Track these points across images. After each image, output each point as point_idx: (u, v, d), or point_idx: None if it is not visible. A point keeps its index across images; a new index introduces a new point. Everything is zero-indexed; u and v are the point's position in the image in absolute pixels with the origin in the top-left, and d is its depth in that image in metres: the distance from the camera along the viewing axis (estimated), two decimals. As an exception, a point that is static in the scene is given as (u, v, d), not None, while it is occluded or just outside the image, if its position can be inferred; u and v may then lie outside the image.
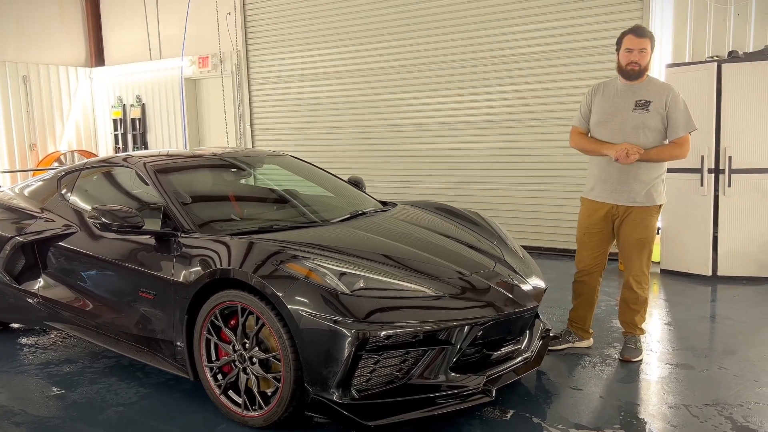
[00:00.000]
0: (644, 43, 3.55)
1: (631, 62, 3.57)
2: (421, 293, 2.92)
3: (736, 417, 3.00)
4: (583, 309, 3.92)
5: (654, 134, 3.60)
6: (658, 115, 3.58)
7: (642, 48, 3.55)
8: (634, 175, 3.61)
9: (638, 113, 3.58)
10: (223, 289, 3.03)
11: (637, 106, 3.59)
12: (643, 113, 3.57)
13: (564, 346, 3.93)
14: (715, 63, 5.50)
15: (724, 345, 4.01)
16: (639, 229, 3.66)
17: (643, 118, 3.58)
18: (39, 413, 3.24)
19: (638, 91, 3.63)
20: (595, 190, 3.76)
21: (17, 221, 4.23)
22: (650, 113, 3.57)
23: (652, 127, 3.58)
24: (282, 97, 8.72)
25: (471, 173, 7.29)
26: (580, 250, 3.87)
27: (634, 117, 3.59)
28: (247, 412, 2.96)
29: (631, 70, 3.59)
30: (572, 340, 3.95)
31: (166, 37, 9.89)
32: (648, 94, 3.60)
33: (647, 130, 3.58)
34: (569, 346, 3.94)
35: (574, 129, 3.88)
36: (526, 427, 2.95)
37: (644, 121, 3.58)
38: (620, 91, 3.67)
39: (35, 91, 10.09)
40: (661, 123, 3.60)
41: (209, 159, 4.36)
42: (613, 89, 3.71)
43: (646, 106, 3.58)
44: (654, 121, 3.58)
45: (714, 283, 5.54)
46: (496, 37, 6.94)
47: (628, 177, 3.62)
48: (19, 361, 4.01)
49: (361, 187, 4.64)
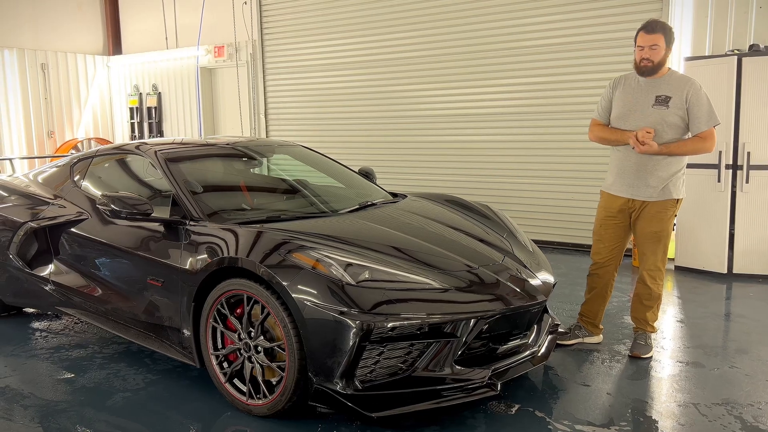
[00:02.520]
0: (655, 39, 3.48)
1: (643, 59, 3.52)
2: (428, 285, 2.90)
3: (746, 417, 2.95)
4: (596, 303, 3.88)
5: (674, 130, 3.53)
6: (678, 111, 3.51)
7: (653, 44, 3.48)
8: (651, 170, 3.56)
9: (658, 109, 3.52)
10: (230, 277, 3.03)
11: (657, 101, 3.53)
12: (662, 109, 3.51)
13: (573, 341, 3.89)
14: (735, 57, 5.39)
15: (737, 343, 3.95)
16: (654, 223, 3.61)
17: (663, 114, 3.51)
18: (48, 397, 3.28)
19: (659, 86, 3.56)
20: (614, 184, 3.72)
21: (31, 207, 4.27)
22: (670, 109, 3.51)
23: (672, 123, 3.52)
24: (296, 87, 8.71)
25: (483, 166, 7.24)
26: (597, 242, 3.84)
27: (653, 113, 3.53)
28: (252, 400, 2.97)
29: (644, 67, 3.54)
30: (582, 335, 3.91)
31: (183, 26, 9.92)
32: (668, 89, 3.54)
33: (667, 127, 3.52)
34: (578, 341, 3.91)
35: (594, 121, 3.84)
36: (531, 423, 2.93)
37: (664, 117, 3.52)
38: (641, 86, 3.62)
39: (53, 79, 10.19)
40: (682, 119, 3.53)
41: (220, 148, 4.37)
42: (634, 83, 3.65)
43: (666, 102, 3.51)
44: (674, 117, 3.52)
45: (729, 280, 5.45)
46: (513, 29, 6.86)
47: (645, 172, 3.57)
48: (31, 345, 4.06)
49: (372, 178, 4.62)
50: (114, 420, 3.02)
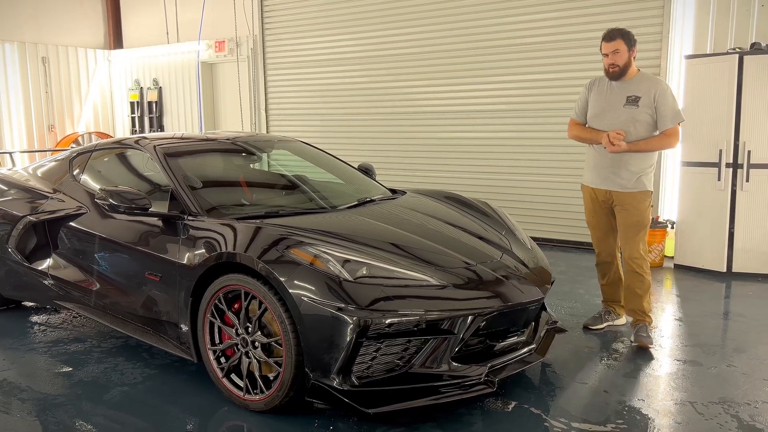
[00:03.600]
0: (615, 45, 3.81)
1: (610, 65, 3.85)
2: (425, 282, 2.90)
3: (743, 416, 2.95)
4: (614, 285, 4.16)
5: (644, 127, 3.83)
6: (647, 110, 3.82)
7: (615, 50, 3.81)
8: (625, 165, 3.87)
9: (629, 108, 3.83)
10: (228, 272, 3.03)
11: (628, 101, 3.85)
12: (633, 108, 3.82)
13: (604, 325, 4.14)
14: (736, 55, 5.37)
15: (735, 342, 3.95)
16: (633, 213, 3.89)
17: (633, 113, 3.82)
18: (45, 390, 3.29)
19: (629, 87, 3.88)
20: (592, 178, 4.04)
21: (30, 201, 4.27)
22: (640, 108, 3.82)
23: (642, 121, 3.82)
24: (297, 83, 8.70)
25: (482, 163, 7.23)
26: (593, 231, 4.15)
27: (625, 112, 3.84)
28: (249, 395, 2.98)
29: (613, 72, 3.87)
30: (611, 318, 4.17)
31: (184, 21, 9.90)
32: (638, 89, 3.85)
33: (638, 124, 3.82)
34: (609, 324, 4.15)
35: (572, 121, 4.17)
36: (527, 420, 2.93)
37: (634, 116, 3.82)
38: (612, 87, 3.94)
39: (54, 73, 10.18)
40: (651, 117, 3.83)
41: (219, 143, 4.36)
42: (606, 85, 3.97)
43: (636, 102, 3.83)
44: (643, 115, 3.82)
45: (728, 279, 5.45)
46: (512, 26, 6.84)
47: (620, 166, 3.88)
48: (29, 339, 4.07)
49: (371, 174, 4.62)
50: (111, 414, 3.03)
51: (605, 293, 4.22)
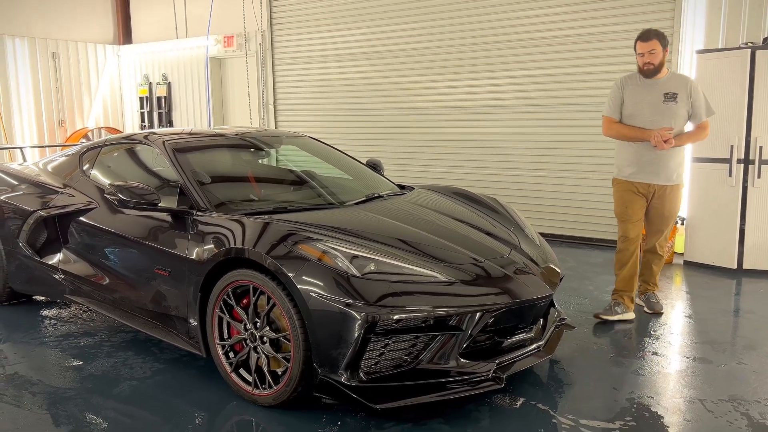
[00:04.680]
0: (651, 45, 4.04)
1: (646, 63, 4.08)
2: (433, 278, 2.90)
3: (753, 413, 2.93)
4: (630, 275, 4.31)
5: (682, 122, 4.15)
6: (685, 105, 4.10)
7: (651, 50, 4.04)
8: (667, 160, 4.14)
9: (668, 105, 4.08)
10: (237, 268, 3.04)
11: (666, 98, 4.08)
12: (672, 104, 4.08)
13: (615, 317, 4.24)
14: (748, 50, 5.31)
15: (746, 340, 3.92)
16: (672, 204, 4.22)
17: (674, 108, 4.09)
18: (55, 384, 3.32)
19: (663, 84, 4.11)
20: (633, 172, 4.19)
21: (40, 196, 4.30)
22: (679, 104, 4.09)
23: (681, 116, 4.12)
24: (305, 78, 8.70)
25: (491, 158, 7.21)
26: (624, 222, 4.28)
27: (665, 107, 4.08)
28: (257, 390, 2.99)
29: (648, 70, 4.10)
30: (621, 311, 4.26)
31: (193, 16, 9.91)
32: (673, 86, 4.10)
33: (677, 119, 4.11)
34: (619, 317, 4.24)
35: (608, 119, 4.26)
36: (535, 416, 2.92)
37: (675, 111, 4.09)
38: (646, 85, 4.14)
39: (64, 68, 10.22)
40: (688, 112, 4.14)
41: (228, 138, 4.37)
42: (639, 83, 4.16)
43: (674, 98, 4.08)
44: (682, 110, 4.11)
45: (739, 276, 5.41)
46: (522, 21, 6.80)
47: (664, 162, 4.13)
48: (40, 333, 4.10)
49: (380, 170, 4.61)
50: (121, 408, 3.05)
51: (619, 282, 4.32)
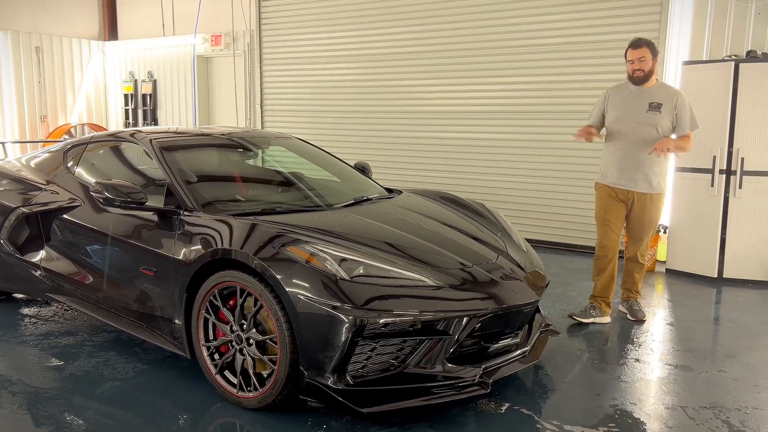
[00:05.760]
0: (641, 52, 4.12)
1: (635, 70, 4.16)
2: (421, 282, 2.90)
3: (733, 421, 2.98)
4: (606, 282, 4.37)
5: (664, 132, 4.19)
6: (668, 116, 4.16)
7: (641, 57, 4.12)
8: (649, 167, 4.18)
9: (652, 114, 4.14)
10: (223, 269, 3.02)
11: (651, 107, 4.15)
12: (656, 114, 4.14)
13: (589, 319, 4.34)
14: (732, 62, 5.41)
15: (726, 348, 3.98)
16: (652, 212, 4.25)
17: (657, 118, 4.15)
18: (36, 384, 3.26)
19: (650, 94, 4.18)
20: (613, 177, 4.26)
21: (22, 192, 4.23)
22: (662, 114, 4.15)
23: (663, 126, 4.17)
24: (293, 79, 8.67)
25: (478, 163, 7.24)
26: (603, 228, 4.34)
27: (648, 117, 4.15)
28: (242, 392, 2.97)
29: (637, 77, 4.17)
30: (596, 314, 4.36)
31: (180, 14, 9.84)
32: (659, 97, 4.16)
33: (659, 129, 4.16)
34: (593, 320, 4.35)
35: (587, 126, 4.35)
36: (520, 422, 2.94)
37: (657, 121, 4.15)
38: (634, 94, 4.22)
39: (47, 63, 10.08)
40: (671, 123, 4.18)
41: (216, 138, 4.34)
42: (627, 91, 4.26)
43: (658, 108, 4.14)
44: (665, 121, 4.17)
45: (719, 285, 5.49)
46: (512, 27, 6.85)
47: (646, 169, 4.17)
48: (20, 331, 4.04)
49: (368, 173, 4.62)
50: (103, 408, 3.01)
51: (596, 288, 4.41)
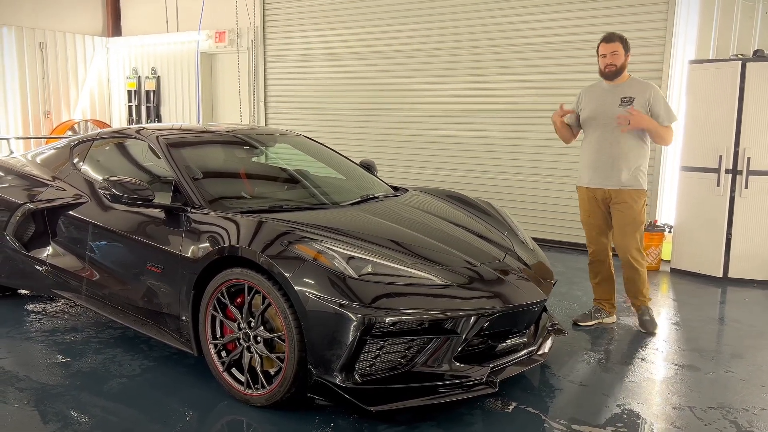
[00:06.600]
0: (614, 46, 4.04)
1: (608, 64, 4.07)
2: (429, 281, 2.90)
3: (741, 421, 2.97)
4: (606, 285, 4.31)
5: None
6: (642, 110, 4.02)
7: (613, 51, 4.04)
8: (623, 161, 4.04)
9: (624, 109, 4.02)
10: (231, 266, 3.01)
11: (623, 102, 4.05)
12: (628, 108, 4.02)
13: (593, 322, 4.28)
14: (739, 61, 5.39)
15: (732, 348, 3.97)
16: (629, 211, 4.08)
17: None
18: (43, 380, 3.27)
19: (623, 89, 4.09)
20: (588, 178, 4.19)
21: (29, 188, 4.23)
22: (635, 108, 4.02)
23: None
24: (297, 76, 8.66)
25: (484, 161, 7.23)
26: (589, 231, 4.28)
27: (620, 111, 4.02)
28: (250, 390, 2.96)
29: (609, 71, 4.08)
30: (601, 316, 4.31)
31: (184, 10, 9.84)
32: (631, 91, 4.06)
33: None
34: (598, 322, 4.29)
35: None
36: (527, 421, 2.93)
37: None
38: (606, 90, 4.14)
39: (51, 59, 10.08)
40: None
41: (222, 135, 4.34)
42: (599, 89, 4.19)
43: (630, 102, 4.03)
44: None
45: (724, 285, 5.48)
46: (515, 26, 6.84)
47: (618, 164, 4.05)
48: (26, 328, 4.04)
49: (373, 170, 4.61)
50: (110, 405, 3.01)
51: (597, 292, 4.37)
